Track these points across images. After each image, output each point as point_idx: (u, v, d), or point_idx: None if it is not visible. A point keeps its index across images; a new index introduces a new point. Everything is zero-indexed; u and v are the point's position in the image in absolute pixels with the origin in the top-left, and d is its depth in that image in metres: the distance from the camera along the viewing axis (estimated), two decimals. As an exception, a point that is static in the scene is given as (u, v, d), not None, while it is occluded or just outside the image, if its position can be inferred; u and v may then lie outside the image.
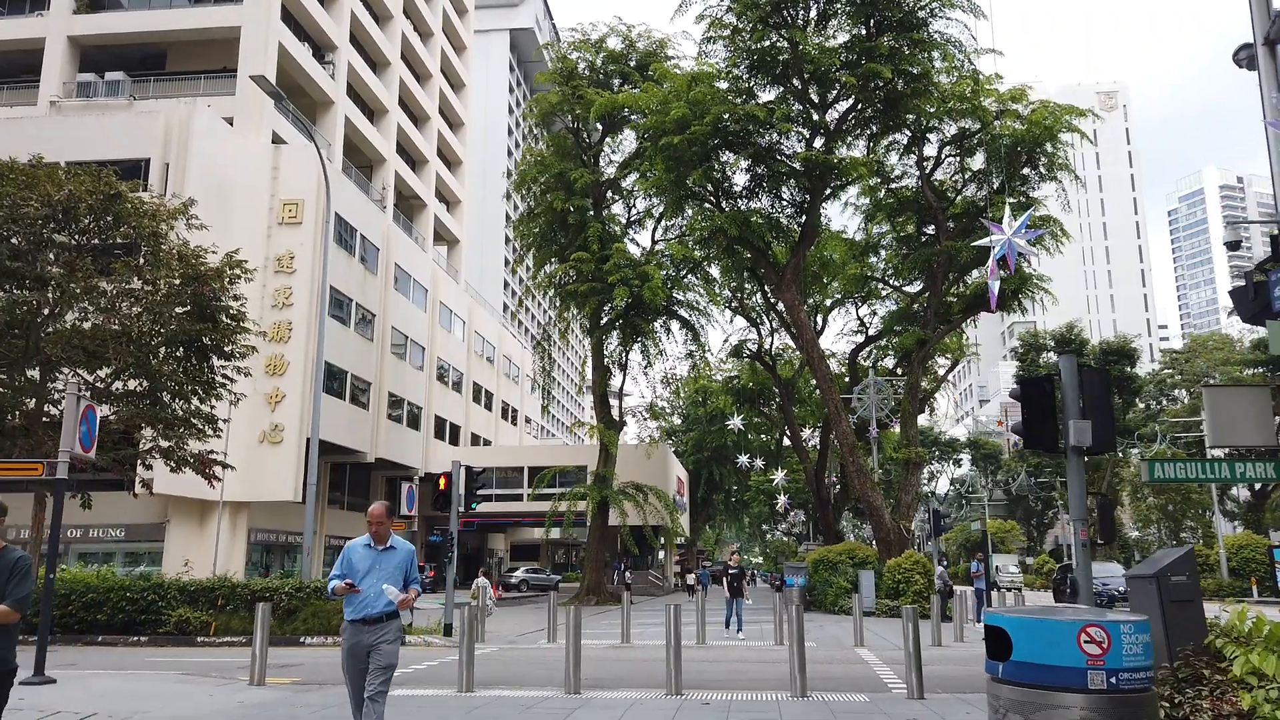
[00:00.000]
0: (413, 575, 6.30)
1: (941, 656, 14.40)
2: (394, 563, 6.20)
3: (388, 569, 6.16)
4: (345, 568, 6.20)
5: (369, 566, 6.12)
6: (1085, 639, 3.97)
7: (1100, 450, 8.15)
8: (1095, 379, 8.21)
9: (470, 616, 10.01)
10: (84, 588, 16.67)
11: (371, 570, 6.10)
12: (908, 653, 9.09)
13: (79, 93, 38.21)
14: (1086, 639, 3.96)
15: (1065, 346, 56.13)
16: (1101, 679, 3.97)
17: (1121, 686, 4.00)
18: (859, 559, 27.33)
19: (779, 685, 10.32)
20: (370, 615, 6.04)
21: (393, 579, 6.12)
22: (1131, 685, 4.03)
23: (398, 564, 6.23)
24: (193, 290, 17.91)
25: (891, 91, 27.34)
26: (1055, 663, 4.00)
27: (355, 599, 6.03)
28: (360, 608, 6.05)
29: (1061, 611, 4.34)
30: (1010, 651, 4.20)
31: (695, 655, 14.46)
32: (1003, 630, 4.25)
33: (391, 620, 6.12)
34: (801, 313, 31.02)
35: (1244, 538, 43.66)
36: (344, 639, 6.16)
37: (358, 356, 38.91)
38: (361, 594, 6.04)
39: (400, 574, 6.22)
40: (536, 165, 37.33)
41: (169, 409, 18.33)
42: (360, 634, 6.04)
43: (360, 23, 45.42)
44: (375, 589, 6.00)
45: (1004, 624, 4.27)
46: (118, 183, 17.21)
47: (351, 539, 6.53)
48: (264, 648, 10.09)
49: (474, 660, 9.86)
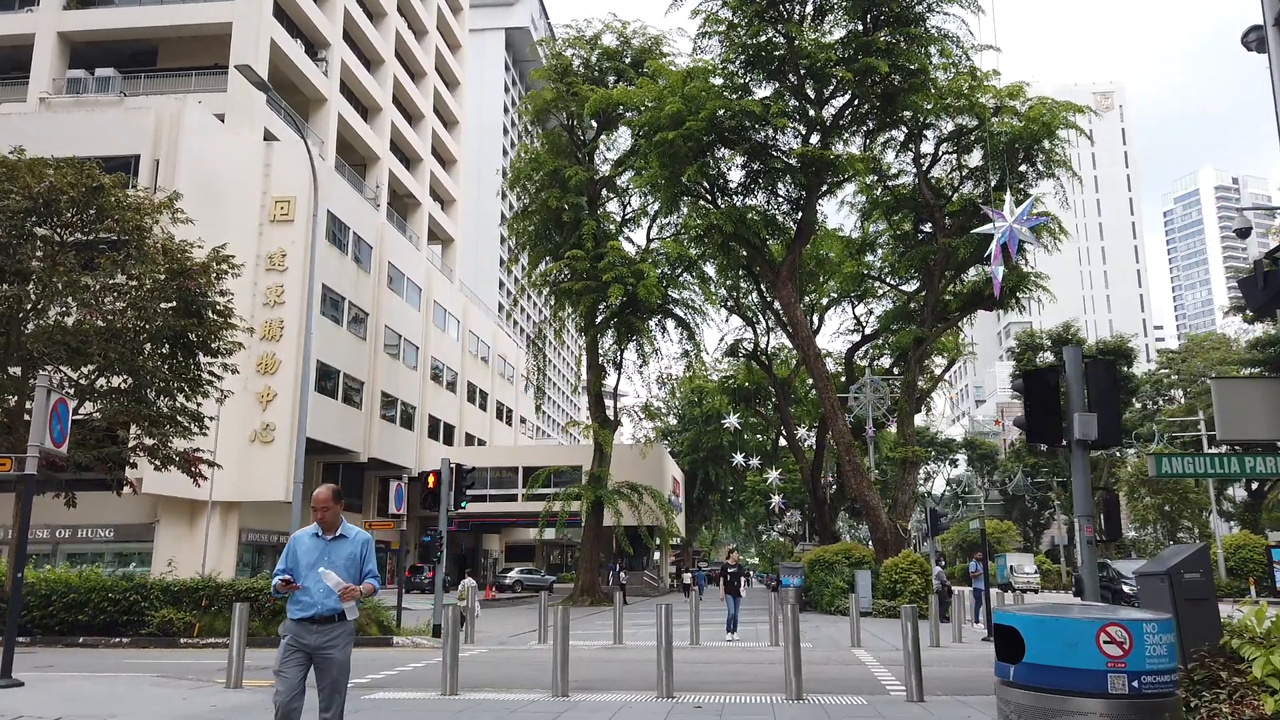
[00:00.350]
0: (369, 569, 5.60)
1: (940, 657, 14.13)
2: (345, 554, 5.50)
3: (338, 561, 5.44)
4: (289, 561, 5.47)
5: (315, 559, 5.41)
6: (1105, 639, 3.63)
7: (1106, 444, 7.89)
8: (1100, 371, 7.94)
9: (456, 617, 9.70)
10: (65, 588, 16.34)
11: (319, 563, 5.39)
12: (906, 653, 8.80)
13: (69, 89, 37.84)
14: (1106, 639, 3.63)
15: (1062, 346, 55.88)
16: (1123, 682, 3.64)
17: (1144, 691, 3.68)
18: (855, 559, 27.07)
19: (774, 687, 10.04)
20: (318, 614, 5.32)
21: (343, 572, 5.41)
22: (1155, 689, 3.70)
23: (350, 555, 5.51)
24: (178, 285, 17.56)
25: (888, 87, 27.10)
26: (1072, 665, 3.66)
27: (299, 596, 5.34)
28: (306, 605, 5.34)
29: (1078, 609, 4.01)
30: (1022, 653, 3.86)
31: (689, 656, 14.17)
32: (1014, 630, 3.91)
33: (342, 623, 5.38)
34: (798, 310, 30.76)
35: (1241, 537, 43.51)
36: (283, 636, 5.40)
37: (350, 355, 38.58)
38: (305, 591, 5.36)
39: (354, 567, 5.51)
40: (531, 163, 37.05)
41: (154, 406, 17.98)
42: (305, 634, 5.32)
43: (354, 19, 45.10)
44: (323, 584, 5.30)
45: (1015, 623, 3.92)
46: (100, 175, 16.86)
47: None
48: (241, 650, 9.78)
49: (458, 662, 9.55)
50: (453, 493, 16.16)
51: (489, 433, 58.43)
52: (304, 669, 5.31)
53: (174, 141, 31.86)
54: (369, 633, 16.06)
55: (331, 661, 5.31)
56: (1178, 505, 57.19)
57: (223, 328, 18.78)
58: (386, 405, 42.29)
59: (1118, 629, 3.67)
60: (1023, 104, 28.50)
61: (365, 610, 16.44)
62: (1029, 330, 63.78)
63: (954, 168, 31.50)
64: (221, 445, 28.26)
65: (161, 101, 33.76)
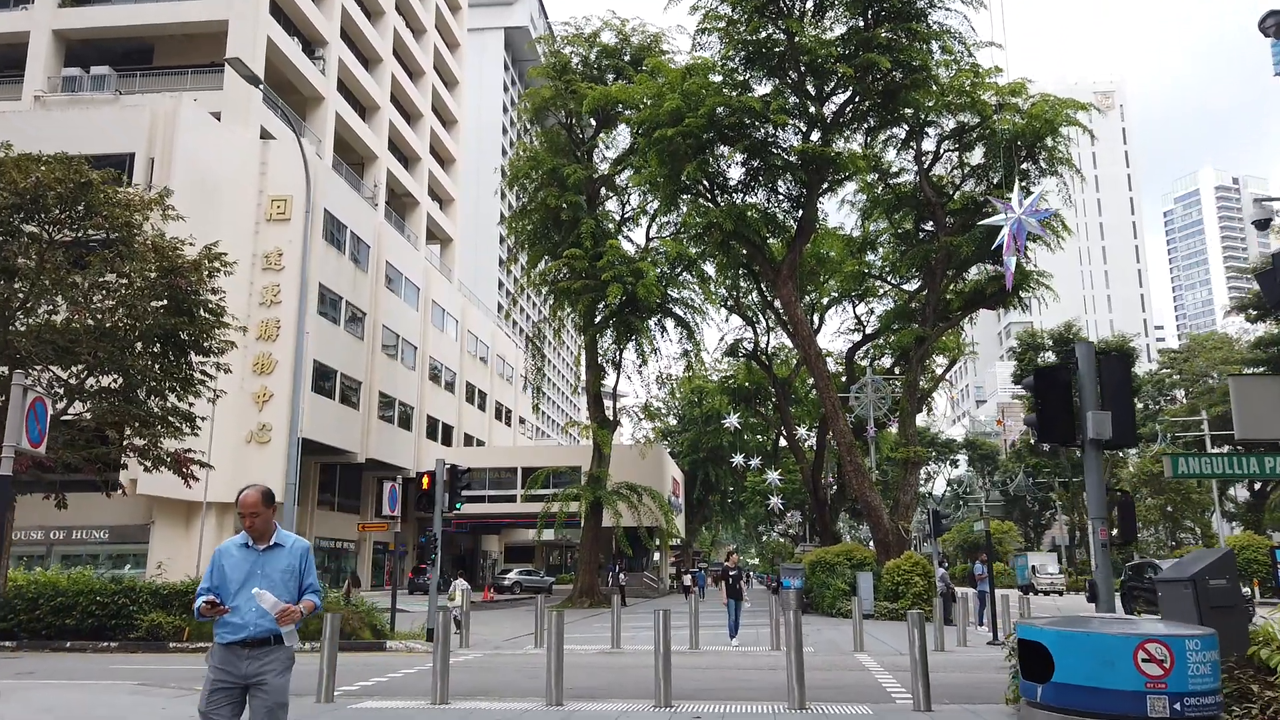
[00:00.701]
0: (310, 582, 4.81)
1: (945, 662, 13.82)
2: (282, 566, 4.71)
3: (274, 576, 4.66)
4: (216, 578, 4.69)
5: (246, 574, 4.64)
6: (1143, 657, 3.23)
7: (1121, 443, 7.59)
8: (1115, 367, 7.64)
9: (447, 622, 9.40)
10: (53, 591, 16.03)
11: (249, 579, 4.62)
12: (913, 660, 8.49)
13: (64, 87, 37.59)
14: (1145, 657, 3.23)
15: (1064, 346, 55.69)
16: (1163, 705, 3.23)
17: (1187, 714, 3.27)
18: (857, 560, 26.75)
19: (776, 695, 9.74)
20: (250, 638, 4.53)
21: (280, 588, 4.63)
22: (1199, 713, 3.30)
23: (287, 568, 4.72)
24: (169, 283, 17.27)
25: (890, 84, 26.83)
26: (1107, 685, 3.22)
27: (228, 618, 4.55)
28: (236, 628, 4.56)
29: (1113, 623, 3.60)
30: (1051, 671, 3.43)
31: (688, 662, 13.87)
32: (1041, 646, 3.48)
33: (279, 646, 4.60)
34: (798, 309, 30.46)
35: (1245, 538, 43.17)
36: (210, 666, 4.61)
37: (348, 355, 38.29)
38: (235, 612, 4.55)
39: (291, 581, 4.71)
40: (529, 161, 36.77)
41: (145, 406, 17.68)
42: (235, 662, 4.53)
43: (351, 18, 44.84)
44: (254, 603, 4.52)
45: (1043, 639, 3.49)
46: (88, 171, 16.57)
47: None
48: (226, 657, 9.44)
49: (449, 669, 9.25)
50: (448, 494, 15.86)
51: (488, 433, 58.14)
52: (237, 709, 4.58)
53: (169, 140, 31.60)
54: (361, 636, 15.76)
55: (266, 689, 4.52)
56: (1180, 506, 56.92)
57: (215, 326, 18.49)
58: (384, 406, 42.01)
59: (1157, 646, 3.27)
60: (1025, 101, 28.22)
61: (358, 613, 16.13)
62: (1030, 330, 63.53)
63: (955, 165, 31.22)
64: (217, 446, 27.99)
65: (157, 100, 33.49)
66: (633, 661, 13.86)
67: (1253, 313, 49.78)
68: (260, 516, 4.73)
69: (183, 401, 18.60)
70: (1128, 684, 3.27)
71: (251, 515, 4.71)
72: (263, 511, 4.74)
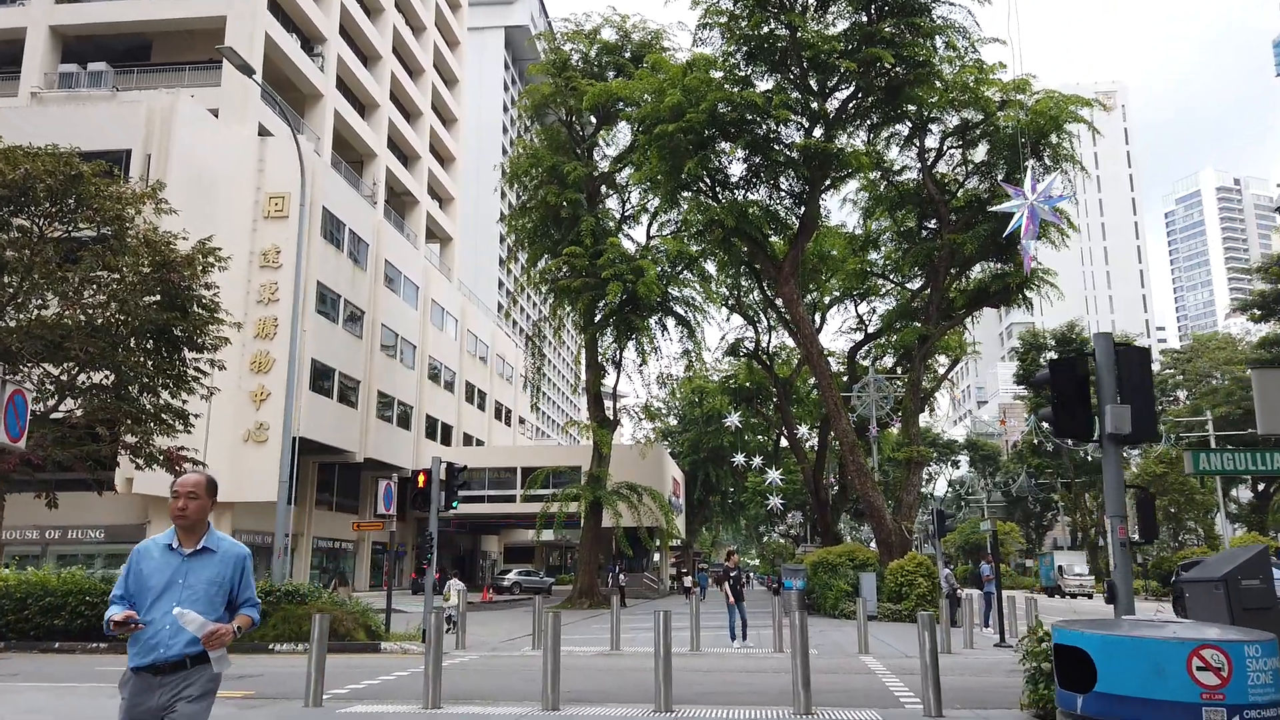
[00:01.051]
0: (247, 596, 4.01)
1: (952, 665, 13.52)
2: (209, 576, 3.88)
3: (196, 586, 3.83)
4: (131, 584, 3.86)
5: (166, 582, 3.81)
6: (1198, 664, 2.92)
7: (1140, 438, 7.30)
8: (1134, 359, 7.35)
9: (440, 624, 9.11)
10: (42, 590, 15.73)
11: (170, 587, 3.79)
12: (924, 663, 8.19)
13: (61, 84, 37.31)
14: (1200, 664, 2.91)
15: (1066, 346, 55.46)
16: (1221, 718, 2.89)
17: None
18: (859, 561, 26.46)
19: (779, 699, 9.44)
20: (163, 660, 3.70)
21: (203, 603, 3.80)
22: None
23: (216, 579, 3.89)
24: (162, 278, 17.00)
25: (893, 79, 26.55)
26: (1158, 696, 2.92)
27: (141, 634, 3.74)
28: (147, 648, 3.73)
29: (1163, 627, 3.26)
30: (1093, 680, 3.10)
31: (689, 664, 13.58)
32: (1082, 652, 3.15)
33: (198, 667, 3.75)
34: (800, 307, 30.17)
35: (1249, 539, 42.90)
36: (122, 696, 3.80)
37: (346, 354, 38.00)
38: (150, 627, 3.73)
39: (219, 595, 3.89)
40: (529, 158, 36.50)
41: (137, 403, 17.40)
42: (147, 690, 3.70)
43: (350, 15, 44.56)
44: (173, 617, 3.72)
45: (1085, 644, 3.14)
46: (79, 163, 16.29)
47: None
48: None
49: (441, 672, 8.95)
50: (444, 492, 15.56)
51: (487, 433, 57.85)
52: None
53: (166, 136, 31.29)
54: (355, 638, 15.46)
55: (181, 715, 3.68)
56: (1184, 507, 56.60)
57: (208, 322, 18.24)
58: (383, 405, 41.71)
59: (1214, 652, 2.94)
60: (1029, 98, 27.94)
61: (353, 614, 15.80)
62: (1032, 330, 63.28)
63: (959, 163, 30.95)
64: (214, 445, 27.73)
65: (154, 95, 33.19)
66: (632, 664, 13.56)
67: (1257, 312, 49.51)
68: (196, 501, 3.93)
69: (176, 398, 18.32)
70: (1181, 695, 2.96)
71: (188, 497, 3.91)
72: (201, 497, 3.96)
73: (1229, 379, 58.44)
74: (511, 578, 47.72)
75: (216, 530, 4.08)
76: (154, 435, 17.70)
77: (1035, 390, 59.11)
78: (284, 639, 14.84)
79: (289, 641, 14.71)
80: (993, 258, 30.34)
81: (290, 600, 15.26)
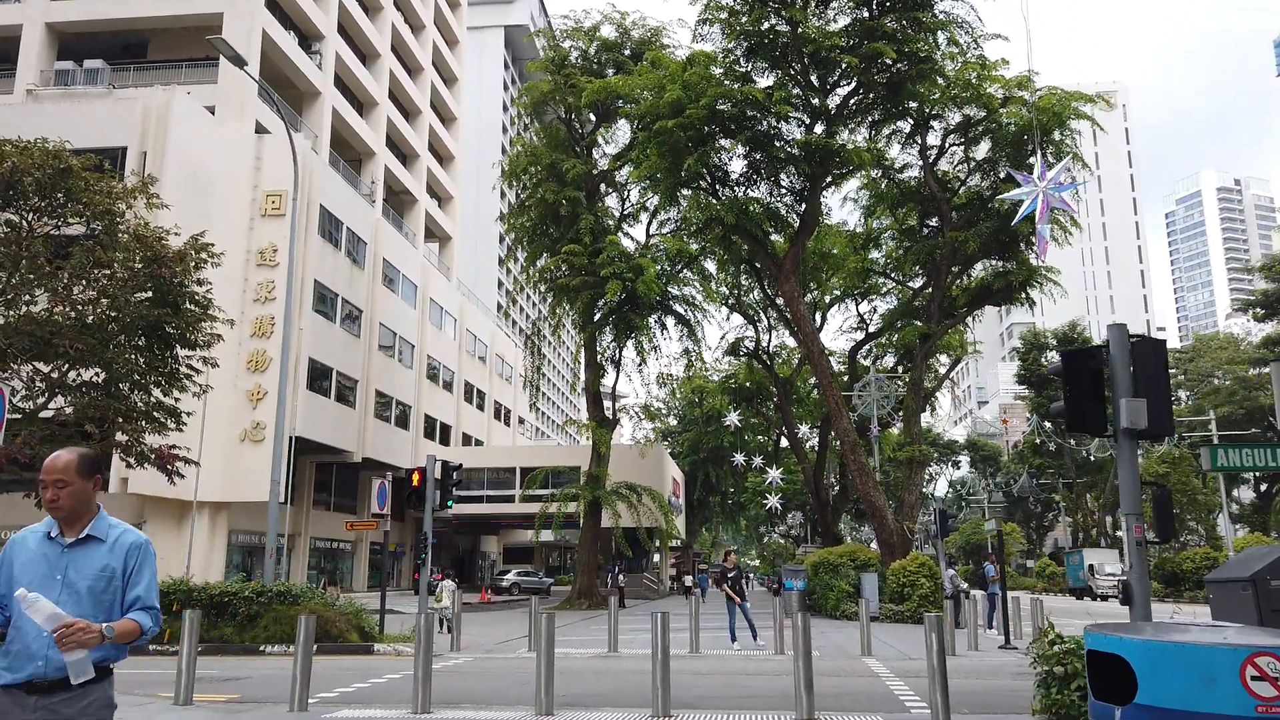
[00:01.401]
0: (137, 594, 3.15)
1: (957, 668, 13.23)
2: (95, 569, 3.11)
3: (77, 583, 3.07)
4: (2, 583, 3.11)
5: (43, 577, 3.06)
6: (1253, 673, 2.61)
7: (1156, 433, 7.04)
8: (1150, 351, 7.09)
9: (430, 626, 8.84)
10: (30, 592, 15.46)
11: (46, 584, 3.03)
12: (931, 666, 7.91)
13: (57, 81, 37.07)
14: (1254, 673, 2.61)
15: (1067, 346, 55.17)
16: None
17: None
18: (861, 561, 26.20)
19: (781, 703, 9.17)
20: (37, 678, 2.94)
21: (85, 601, 3.05)
22: None
23: (103, 572, 3.12)
24: (153, 274, 16.73)
25: (894, 75, 26.28)
26: (1207, 709, 2.64)
27: (10, 643, 3.01)
28: (19, 661, 2.98)
29: (1212, 631, 3.00)
30: (1134, 690, 2.83)
31: (688, 666, 13.31)
32: (1120, 659, 2.86)
33: (90, 689, 2.99)
34: (801, 305, 29.88)
35: (1252, 540, 42.61)
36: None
37: (344, 353, 37.74)
38: (17, 635, 3.00)
39: (107, 592, 3.11)
40: (528, 156, 36.26)
41: (127, 401, 17.13)
42: (18, 713, 2.94)
43: (349, 13, 44.32)
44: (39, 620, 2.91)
45: (1124, 650, 2.83)
46: (68, 156, 16.03)
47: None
48: (191, 661, 8.88)
49: (431, 675, 8.69)
50: (439, 491, 15.29)
51: (486, 433, 57.60)
52: None
53: (162, 133, 31.06)
54: (348, 639, 15.17)
55: None
56: (1186, 507, 56.34)
57: (201, 319, 17.97)
58: (381, 405, 41.46)
59: (1270, 660, 2.63)
60: (1031, 95, 27.67)
61: (345, 615, 15.47)
62: (1033, 330, 63.05)
63: (961, 160, 30.68)
64: (210, 444, 27.45)
65: (150, 93, 32.94)
66: (630, 666, 13.29)
67: (1260, 311, 49.27)
68: (68, 488, 3.10)
69: (168, 396, 18.05)
70: (1233, 708, 2.66)
71: (55, 485, 3.09)
72: (73, 481, 3.11)
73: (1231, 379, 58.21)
74: (510, 578, 47.44)
75: (110, 516, 3.32)
76: (145, 433, 17.42)
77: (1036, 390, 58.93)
78: (275, 640, 14.57)
79: (280, 643, 14.42)
80: (995, 256, 30.08)
81: (282, 601, 14.98)
